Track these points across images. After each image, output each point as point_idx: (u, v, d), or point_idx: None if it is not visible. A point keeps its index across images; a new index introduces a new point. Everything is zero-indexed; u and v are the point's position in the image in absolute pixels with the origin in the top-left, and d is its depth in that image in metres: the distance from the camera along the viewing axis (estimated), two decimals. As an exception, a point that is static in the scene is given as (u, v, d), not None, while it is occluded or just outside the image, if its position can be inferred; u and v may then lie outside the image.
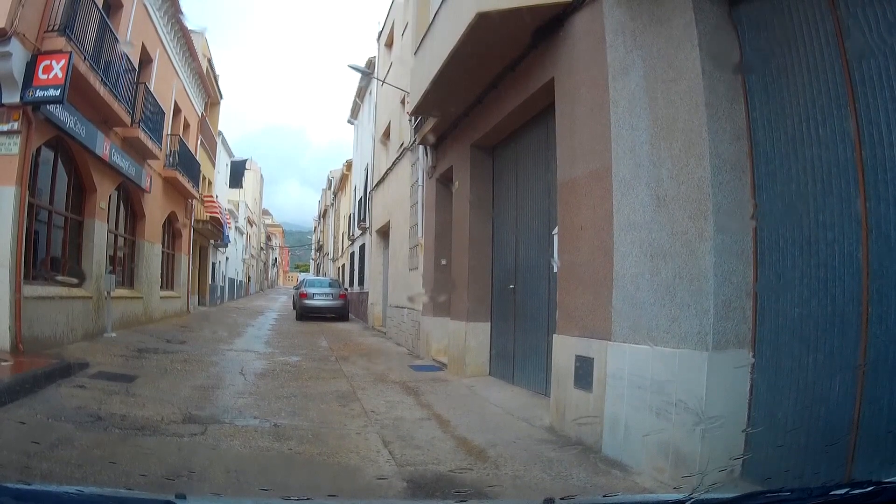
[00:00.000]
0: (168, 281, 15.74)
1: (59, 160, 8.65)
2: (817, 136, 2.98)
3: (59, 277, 8.53)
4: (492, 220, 7.41)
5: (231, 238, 27.85)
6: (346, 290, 20.57)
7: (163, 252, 14.89)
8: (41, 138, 7.47)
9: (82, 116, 8.30)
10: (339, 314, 18.36)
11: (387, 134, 14.88)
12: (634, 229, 3.88)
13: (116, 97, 9.08)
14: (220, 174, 25.05)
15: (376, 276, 15.93)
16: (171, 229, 16.00)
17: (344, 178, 27.22)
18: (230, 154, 28.31)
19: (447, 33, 5.93)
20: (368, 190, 17.50)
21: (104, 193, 9.91)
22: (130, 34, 10.22)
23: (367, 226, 17.50)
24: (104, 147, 9.32)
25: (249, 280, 42.53)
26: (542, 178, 5.94)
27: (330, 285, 19.61)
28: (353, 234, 21.62)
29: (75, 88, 7.48)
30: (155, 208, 13.44)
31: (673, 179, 3.56)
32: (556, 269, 5.14)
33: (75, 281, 8.86)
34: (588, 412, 4.28)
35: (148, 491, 2.78)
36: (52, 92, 6.81)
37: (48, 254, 8.50)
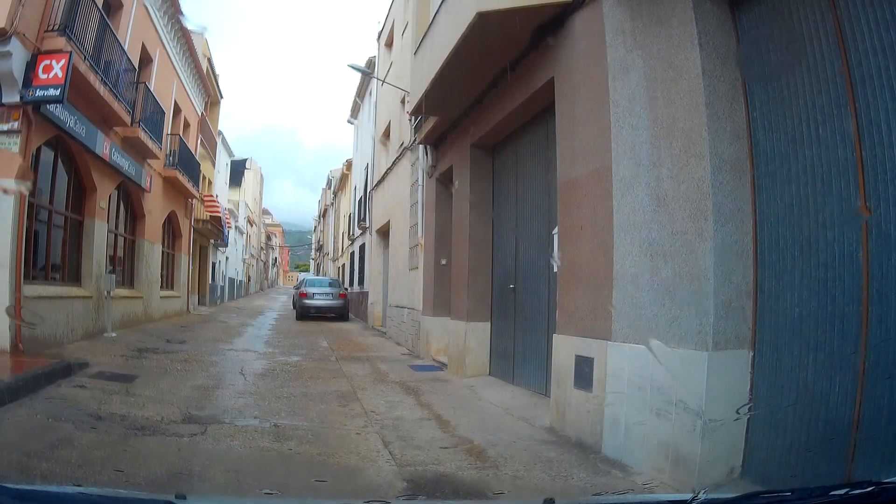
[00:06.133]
0: (168, 280, 15.74)
1: (59, 160, 8.65)
2: (817, 136, 2.98)
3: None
4: (492, 219, 7.41)
5: (231, 238, 27.85)
6: (346, 289, 20.55)
7: (163, 252, 14.89)
8: (41, 138, 7.47)
9: (82, 116, 8.30)
10: (339, 314, 18.35)
11: (387, 133, 14.88)
12: (634, 229, 3.88)
13: (116, 97, 9.08)
14: (220, 174, 25.07)
15: (376, 276, 15.93)
16: (171, 229, 16.01)
17: (344, 178, 27.21)
18: (230, 153, 28.35)
19: (447, 33, 5.93)
20: (368, 189, 17.49)
21: (104, 193, 9.92)
22: (130, 34, 10.23)
23: (367, 225, 17.50)
24: (104, 147, 9.32)
25: (249, 280, 42.53)
26: (542, 178, 5.94)
27: (330, 285, 19.58)
28: (353, 234, 21.62)
29: (75, 88, 7.48)
30: (155, 208, 13.44)
31: (673, 179, 3.56)
32: (556, 269, 5.14)
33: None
34: (588, 412, 4.28)
35: (148, 491, 2.80)
36: (52, 91, 6.81)
37: (48, 253, 8.50)
